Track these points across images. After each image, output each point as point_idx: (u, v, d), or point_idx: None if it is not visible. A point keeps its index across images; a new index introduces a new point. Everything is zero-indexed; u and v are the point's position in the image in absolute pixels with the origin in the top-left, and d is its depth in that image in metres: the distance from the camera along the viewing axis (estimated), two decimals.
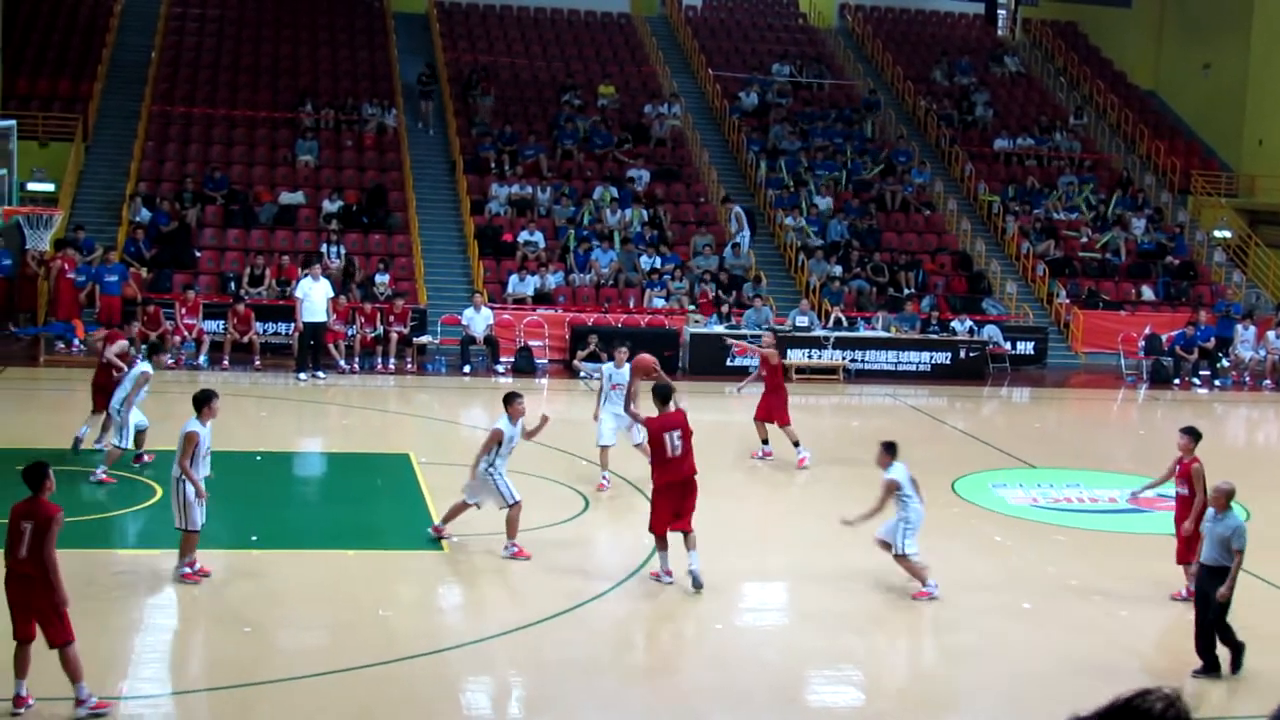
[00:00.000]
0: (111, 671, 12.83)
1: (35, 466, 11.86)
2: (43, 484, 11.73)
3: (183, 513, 14.90)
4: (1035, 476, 22.41)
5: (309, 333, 28.43)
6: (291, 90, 40.68)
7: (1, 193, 18.31)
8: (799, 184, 39.41)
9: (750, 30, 49.37)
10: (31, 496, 11.71)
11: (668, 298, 33.61)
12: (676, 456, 15.62)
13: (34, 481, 11.75)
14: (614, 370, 20.75)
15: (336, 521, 17.80)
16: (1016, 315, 35.61)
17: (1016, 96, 47.38)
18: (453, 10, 47.09)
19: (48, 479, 11.76)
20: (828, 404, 30.07)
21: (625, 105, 42.45)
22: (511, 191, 37.07)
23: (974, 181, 41.32)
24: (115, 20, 42.92)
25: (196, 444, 14.84)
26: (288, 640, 13.81)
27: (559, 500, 19.44)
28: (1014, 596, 16.03)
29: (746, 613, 15.86)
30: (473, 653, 13.62)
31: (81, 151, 36.90)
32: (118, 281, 30.47)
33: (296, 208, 35.56)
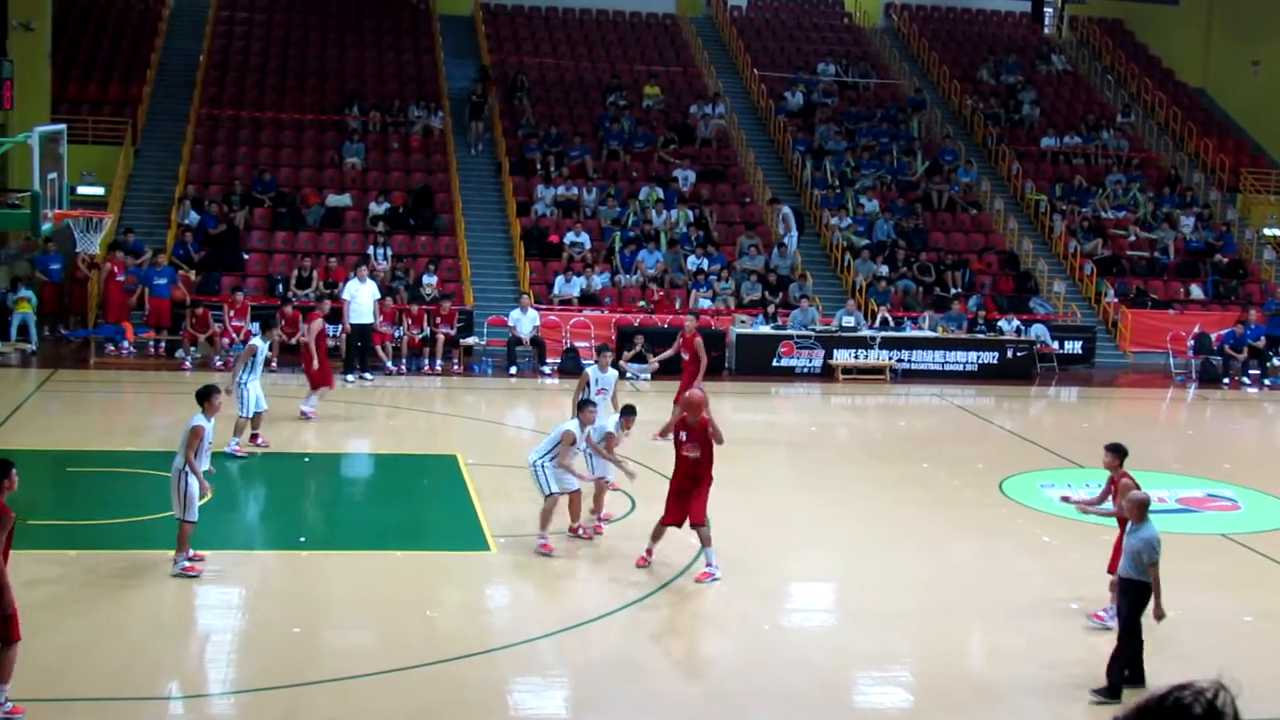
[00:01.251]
0: (162, 670, 12.93)
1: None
2: (1, 482, 11.54)
3: (183, 503, 15.12)
4: (1084, 476, 22.28)
5: (356, 334, 28.56)
6: (338, 93, 40.87)
7: (52, 196, 18.41)
8: (845, 184, 39.32)
9: (795, 30, 49.29)
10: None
11: (714, 298, 33.60)
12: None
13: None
14: (599, 374, 20.31)
15: (384, 523, 17.88)
16: (1064, 314, 35.43)
17: (1063, 95, 47.14)
18: (498, 12, 47.20)
19: (7, 477, 11.56)
20: (874, 404, 30.00)
21: (670, 106, 42.46)
22: (557, 193, 37.13)
23: (1021, 180, 41.13)
24: (164, 24, 43.21)
25: (201, 438, 15.14)
26: (336, 641, 13.88)
27: (607, 501, 19.44)
28: (1062, 597, 15.96)
29: (793, 613, 15.85)
30: (520, 653, 13.66)
31: (130, 155, 37.17)
32: (167, 284, 30.67)
33: (343, 210, 35.71)
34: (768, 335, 31.78)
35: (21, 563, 15.67)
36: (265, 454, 21.43)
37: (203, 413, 15.41)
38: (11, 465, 11.72)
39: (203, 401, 15.53)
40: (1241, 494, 21.64)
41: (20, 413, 24.12)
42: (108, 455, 21.14)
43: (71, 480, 20.30)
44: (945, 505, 20.18)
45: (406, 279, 32.52)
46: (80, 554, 16.16)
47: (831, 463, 22.89)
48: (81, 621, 13.94)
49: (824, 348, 31.63)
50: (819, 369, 31.59)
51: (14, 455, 19.92)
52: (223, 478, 19.60)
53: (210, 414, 15.47)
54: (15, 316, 30.14)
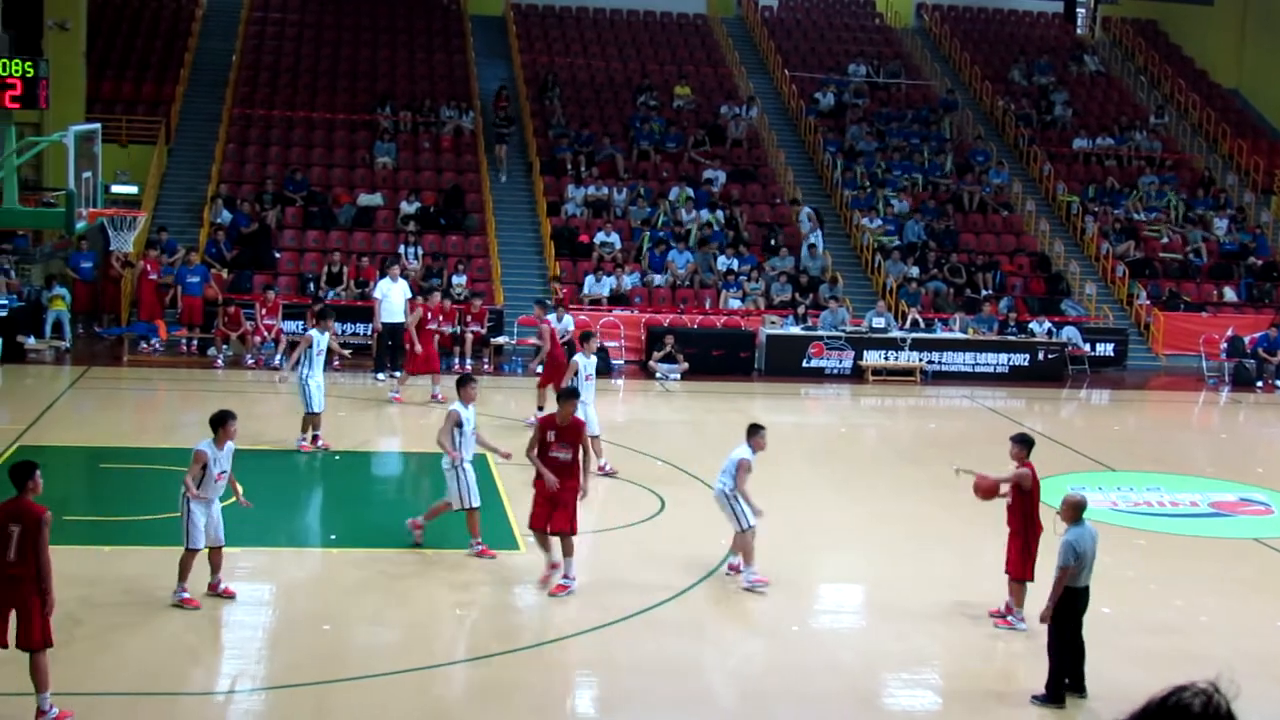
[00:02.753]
0: (194, 667, 13.01)
1: (21, 465, 11.68)
2: (25, 484, 11.48)
3: (184, 530, 14.36)
4: (1115, 479, 22.24)
5: (387, 333, 28.64)
6: (370, 93, 40.99)
7: (86, 195, 18.51)
8: (876, 185, 39.26)
9: (826, 30, 49.23)
10: (16, 497, 11.43)
11: (744, 298, 33.59)
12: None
13: (19, 481, 11.47)
14: (585, 360, 20.88)
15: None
16: (1096, 317, 35.31)
17: (1096, 96, 46.98)
18: (529, 13, 47.25)
19: (31, 479, 11.52)
20: (904, 406, 29.94)
21: (701, 106, 42.45)
22: (588, 193, 37.16)
23: (1053, 182, 41.00)
24: (197, 25, 43.40)
25: (205, 464, 14.31)
26: (366, 638, 13.93)
27: (635, 501, 19.49)
28: (1093, 601, 15.90)
29: (822, 615, 15.86)
30: (549, 652, 13.70)
31: (164, 154, 37.34)
32: (199, 282, 30.80)
33: (375, 209, 35.81)
34: (797, 336, 31.75)
35: (54, 558, 15.78)
36: (294, 452, 21.52)
37: (214, 440, 14.50)
38: (36, 466, 11.71)
39: (216, 428, 14.55)
40: (1275, 498, 21.54)
41: (54, 409, 24.26)
42: (140, 452, 21.26)
43: (104, 476, 20.42)
44: (975, 508, 20.10)
45: (440, 279, 32.58)
46: (113, 550, 16.26)
47: (861, 464, 22.86)
48: (113, 617, 14.03)
49: (854, 349, 31.59)
50: (849, 370, 31.55)
51: (48, 451, 20.14)
52: (256, 476, 19.67)
53: (222, 441, 14.48)
54: (50, 314, 30.30)
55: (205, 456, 14.36)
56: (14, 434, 21.82)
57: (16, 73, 18.23)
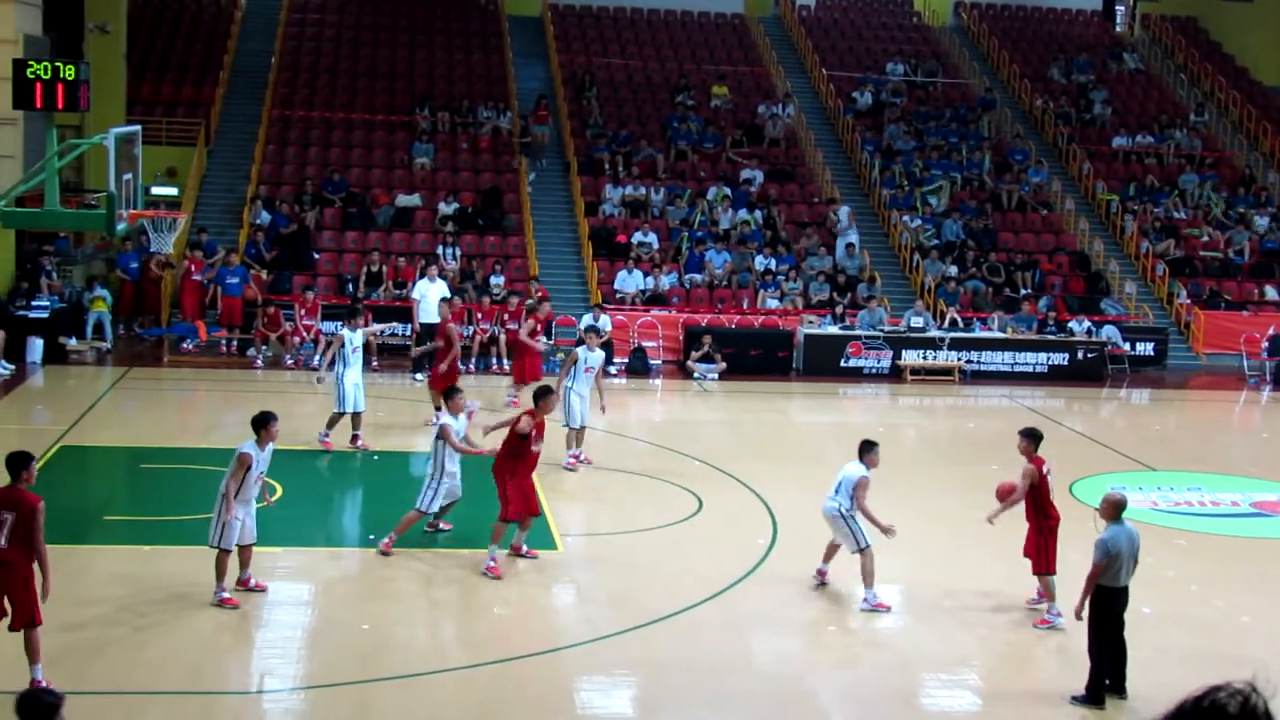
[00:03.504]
0: (234, 665, 13.08)
1: (17, 455, 11.99)
2: (20, 473, 11.81)
3: (218, 530, 14.42)
4: (1155, 479, 22.13)
5: (425, 333, 28.73)
6: (408, 94, 41.11)
7: (127, 197, 18.64)
8: (914, 184, 39.16)
9: (864, 29, 49.13)
10: (10, 485, 11.78)
11: (781, 298, 33.55)
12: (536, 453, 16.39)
13: (14, 469, 11.86)
14: (587, 354, 21.20)
15: (452, 521, 17.94)
16: (1136, 316, 35.12)
17: (1135, 94, 46.74)
18: (566, 13, 47.30)
19: (26, 469, 11.85)
20: (943, 405, 29.86)
21: (739, 105, 42.42)
22: (625, 193, 37.18)
23: (1092, 180, 40.81)
24: (236, 27, 43.61)
25: (248, 467, 14.44)
26: (405, 638, 13.97)
27: (673, 501, 19.50)
28: (1133, 601, 15.83)
29: (859, 615, 15.82)
30: (588, 652, 13.72)
31: (204, 155, 37.53)
32: (239, 283, 30.95)
33: (413, 210, 35.91)
34: (835, 336, 31.69)
35: (96, 558, 15.93)
36: (333, 451, 21.61)
37: (256, 441, 14.62)
38: (31, 457, 12.01)
39: (259, 429, 14.68)
40: None
41: (96, 410, 24.42)
42: (181, 452, 21.37)
43: (145, 476, 20.54)
44: (1014, 508, 20.05)
45: (475, 279, 32.66)
46: (154, 549, 16.36)
47: (899, 464, 22.78)
48: (155, 616, 14.11)
49: (892, 348, 31.51)
50: (887, 370, 31.48)
51: (90, 451, 20.29)
52: (296, 476, 19.78)
53: (265, 442, 14.63)
54: (91, 315, 30.49)
55: (250, 459, 14.46)
56: (56, 434, 21.98)
57: (59, 75, 18.39)
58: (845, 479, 15.61)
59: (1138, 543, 13.02)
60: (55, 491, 19.02)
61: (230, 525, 14.35)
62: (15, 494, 11.69)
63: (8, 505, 11.63)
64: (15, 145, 27.42)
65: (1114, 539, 12.82)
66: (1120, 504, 13.11)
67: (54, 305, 29.74)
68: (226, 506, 14.38)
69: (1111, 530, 12.92)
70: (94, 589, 14.99)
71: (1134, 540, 12.96)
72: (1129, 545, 12.87)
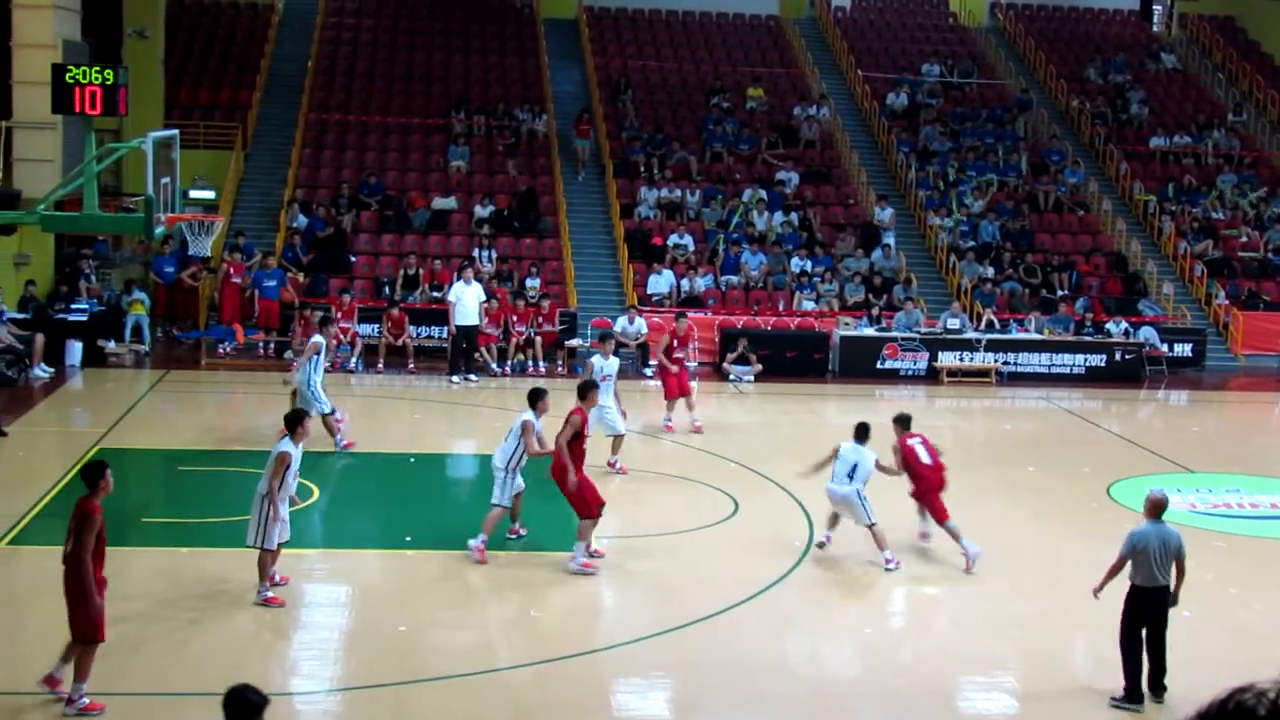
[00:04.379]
0: (271, 666, 13.13)
1: (93, 465, 12.22)
2: (96, 483, 11.95)
3: (261, 530, 14.53)
4: (1194, 481, 22.01)
5: (461, 336, 28.81)
6: (444, 97, 41.22)
7: (165, 200, 18.74)
8: (950, 185, 39.05)
9: (900, 30, 49.02)
10: (85, 496, 11.92)
11: (817, 300, 33.50)
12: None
13: (90, 480, 12.00)
14: (602, 362, 21.28)
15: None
16: (1174, 317, 34.94)
17: (1173, 93, 46.51)
18: (602, 15, 47.34)
19: (102, 478, 11.98)
20: (979, 407, 29.76)
21: (774, 107, 42.38)
22: (661, 195, 37.20)
23: (1129, 181, 40.63)
24: (273, 31, 43.80)
25: (288, 465, 14.62)
26: (442, 640, 14.02)
27: (709, 503, 19.50)
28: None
29: (896, 617, 15.81)
30: (623, 654, 13.74)
31: (241, 159, 37.71)
32: (276, 286, 31.08)
33: (449, 213, 36.00)
34: (871, 337, 31.63)
35: (135, 559, 16.00)
36: (370, 454, 21.66)
37: (291, 438, 14.82)
38: (106, 466, 12.08)
39: (294, 427, 14.93)
40: None
41: (134, 412, 24.56)
42: (218, 455, 21.46)
43: (183, 479, 20.64)
44: (1051, 510, 20.01)
45: (511, 281, 32.72)
46: (192, 551, 16.45)
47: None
48: (193, 618, 14.19)
49: (928, 350, 31.43)
50: (923, 371, 31.40)
51: (128, 454, 20.40)
52: (331, 478, 19.87)
53: (300, 439, 14.90)
54: (129, 318, 30.67)
55: (289, 458, 14.61)
56: (95, 436, 22.12)
57: (97, 80, 18.50)
58: (860, 465, 16.63)
59: (1174, 545, 12.91)
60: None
61: (273, 524, 14.47)
62: (83, 503, 11.80)
63: (74, 513, 11.82)
64: (54, 150, 27.59)
65: (1143, 535, 12.85)
66: (1160, 503, 13.08)
67: (93, 308, 29.93)
68: (271, 506, 14.47)
69: (1144, 527, 12.94)
70: (133, 589, 15.07)
71: (1168, 541, 12.89)
72: (1160, 544, 12.82)
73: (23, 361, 26.74)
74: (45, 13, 27.70)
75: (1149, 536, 12.84)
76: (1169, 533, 12.98)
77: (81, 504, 11.77)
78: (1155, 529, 12.92)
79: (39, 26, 27.72)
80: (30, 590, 15.43)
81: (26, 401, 25.12)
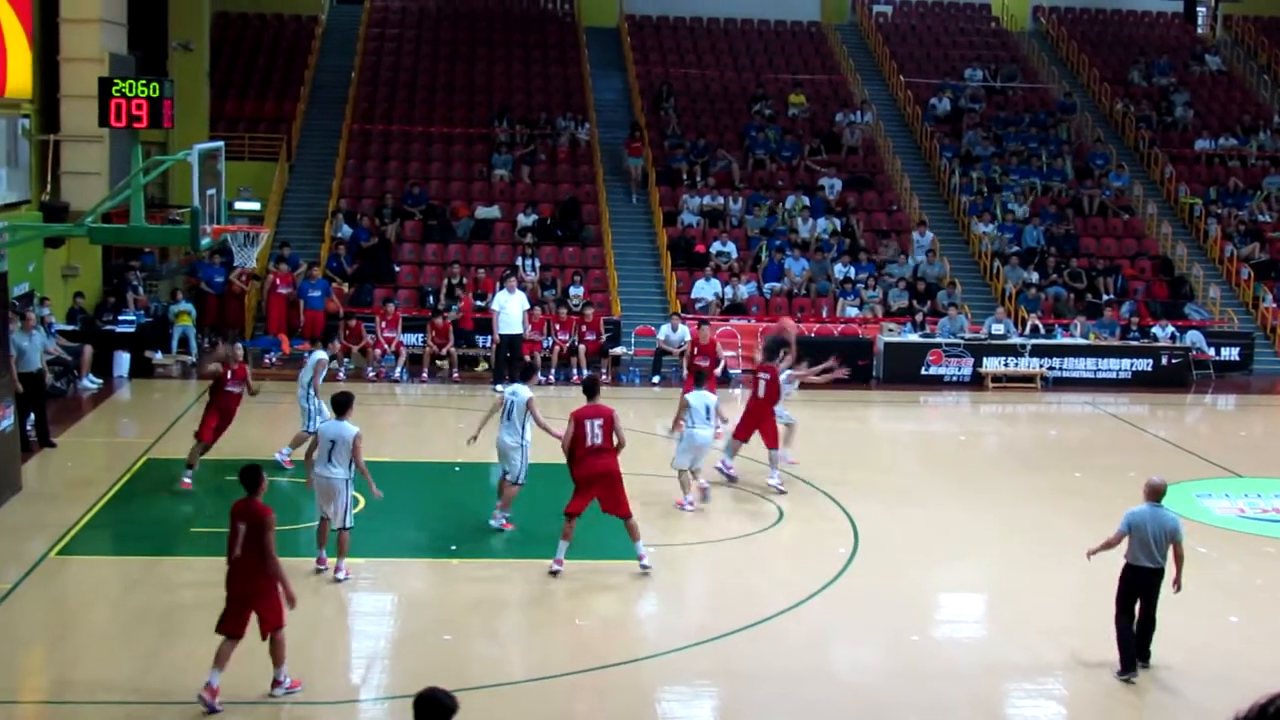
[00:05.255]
0: (317, 676, 13.18)
1: (250, 469, 12.80)
2: (257, 485, 12.61)
3: (348, 512, 15.76)
4: (1242, 486, 21.87)
5: (505, 345, 28.88)
6: (486, 106, 41.34)
7: (210, 212, 18.86)
8: (993, 190, 38.92)
9: (942, 35, 48.89)
10: (247, 497, 12.54)
11: (861, 306, 33.44)
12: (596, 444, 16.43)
13: (249, 483, 12.63)
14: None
15: (533, 532, 18.03)
16: (1220, 320, 34.72)
17: (1218, 96, 46.23)
18: (643, 24, 47.40)
19: (262, 481, 12.66)
20: (1025, 413, 29.64)
21: (816, 114, 42.33)
22: (703, 202, 37.21)
23: (1174, 184, 40.40)
24: (316, 43, 44.04)
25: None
26: (486, 649, 14.06)
27: (753, 511, 19.49)
28: (1221, 610, 15.68)
29: (942, 624, 15.76)
30: (668, 662, 13.74)
31: (286, 170, 37.93)
32: (321, 296, 31.23)
33: (492, 222, 36.11)
34: (915, 343, 31.54)
35: (182, 570, 16.14)
36: (414, 463, 21.74)
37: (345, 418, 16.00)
38: (261, 469, 12.89)
39: (346, 409, 16.12)
40: None
41: (181, 423, 24.69)
42: (264, 465, 21.51)
43: (230, 489, 20.68)
44: (1098, 515, 19.87)
45: (555, 289, 32.80)
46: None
47: (981, 472, 22.66)
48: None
49: (973, 356, 31.33)
50: (968, 377, 31.29)
51: (175, 464, 20.52)
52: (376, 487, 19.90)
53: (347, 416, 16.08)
54: (176, 329, 30.85)
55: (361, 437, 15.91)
56: (142, 447, 22.28)
57: (143, 93, 18.64)
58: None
59: (1169, 529, 13.44)
60: (142, 504, 19.33)
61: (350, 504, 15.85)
62: (250, 505, 12.46)
63: (242, 516, 12.41)
64: (101, 162, 27.80)
65: (1139, 516, 13.50)
66: (1159, 488, 13.65)
67: (140, 320, 30.13)
68: (350, 488, 15.84)
69: (1142, 508, 13.55)
70: (182, 599, 15.20)
71: (1163, 525, 13.44)
72: (1155, 527, 13.40)
73: (71, 373, 26.95)
74: (92, 27, 27.93)
75: (1145, 518, 13.48)
76: (1166, 517, 13.54)
77: (251, 507, 12.45)
78: (1152, 512, 13.54)
79: (86, 41, 27.95)
80: (79, 600, 15.58)
81: (75, 412, 25.31)
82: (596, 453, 16.35)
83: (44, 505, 18.95)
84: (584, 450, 16.38)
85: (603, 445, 16.36)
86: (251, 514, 12.37)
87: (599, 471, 16.27)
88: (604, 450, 16.36)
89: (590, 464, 16.33)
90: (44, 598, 15.45)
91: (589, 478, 16.31)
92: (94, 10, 27.91)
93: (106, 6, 28.25)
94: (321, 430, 16.35)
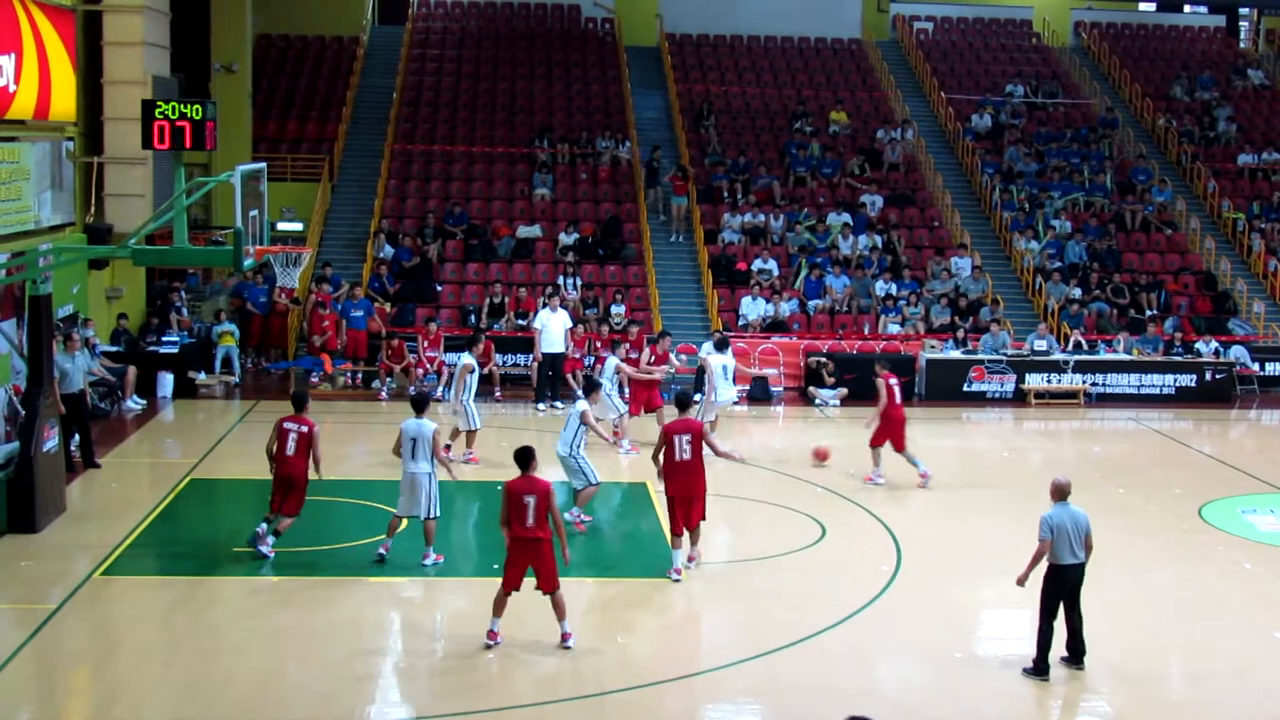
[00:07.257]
0: (362, 693, 13.21)
1: (524, 450, 14.51)
2: (530, 462, 14.43)
3: (435, 502, 17.18)
4: None
5: (547, 363, 28.94)
6: (527, 126, 41.47)
7: (253, 233, 18.99)
8: (1035, 206, 38.80)
9: (983, 51, 48.79)
10: (525, 475, 14.35)
11: (903, 323, 33.36)
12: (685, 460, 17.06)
13: (523, 462, 14.42)
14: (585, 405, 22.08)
15: (576, 550, 18.04)
16: (1265, 335, 34.50)
17: (1261, 110, 45.98)
18: (684, 42, 47.48)
19: (534, 458, 14.48)
20: (1068, 429, 29.49)
21: (857, 130, 42.30)
22: (744, 220, 37.21)
23: (1217, 199, 40.19)
24: (358, 63, 44.27)
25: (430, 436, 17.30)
26: (530, 666, 14.08)
27: (797, 528, 19.46)
28: (1266, 625, 15.58)
29: (986, 641, 15.69)
30: (711, 680, 13.74)
31: (328, 191, 38.13)
32: (363, 316, 31.35)
33: (534, 241, 36.19)
34: (958, 360, 31.45)
35: (226, 588, 16.22)
36: (459, 483, 21.79)
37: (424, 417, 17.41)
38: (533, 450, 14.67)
39: (423, 408, 17.65)
40: None
41: (224, 443, 24.83)
42: (309, 484, 21.61)
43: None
44: (1143, 532, 19.81)
45: (597, 308, 32.84)
46: (281, 580, 16.63)
47: (1025, 488, 22.55)
48: (284, 646, 14.34)
49: (1015, 372, 31.21)
50: (1010, 394, 31.17)
51: (218, 484, 20.64)
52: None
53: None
54: (219, 349, 31.02)
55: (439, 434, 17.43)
56: (186, 467, 22.41)
57: (186, 115, 18.80)
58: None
59: (1084, 524, 14.05)
60: (185, 523, 19.44)
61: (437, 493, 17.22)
62: (531, 481, 14.34)
63: (529, 491, 14.21)
64: (145, 184, 28.02)
65: (1057, 517, 14.03)
66: (1064, 488, 14.32)
67: (183, 340, 30.31)
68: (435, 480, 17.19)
69: (1055, 510, 14.11)
70: (224, 618, 15.27)
71: (1078, 521, 14.04)
72: (1072, 525, 13.99)
73: (115, 394, 27.14)
74: (135, 50, 28.17)
75: (1062, 518, 14.05)
76: (1077, 514, 14.13)
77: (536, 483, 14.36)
78: (1066, 511, 14.13)
79: (129, 63, 28.20)
80: (123, 620, 15.65)
81: (119, 433, 25.48)
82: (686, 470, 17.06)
83: (88, 526, 19.07)
84: (672, 465, 17.05)
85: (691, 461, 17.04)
86: (536, 489, 14.17)
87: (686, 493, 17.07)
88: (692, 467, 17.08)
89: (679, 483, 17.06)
90: (88, 618, 15.54)
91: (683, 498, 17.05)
92: (137, 34, 28.16)
93: (150, 30, 28.50)
94: (403, 429, 17.40)
